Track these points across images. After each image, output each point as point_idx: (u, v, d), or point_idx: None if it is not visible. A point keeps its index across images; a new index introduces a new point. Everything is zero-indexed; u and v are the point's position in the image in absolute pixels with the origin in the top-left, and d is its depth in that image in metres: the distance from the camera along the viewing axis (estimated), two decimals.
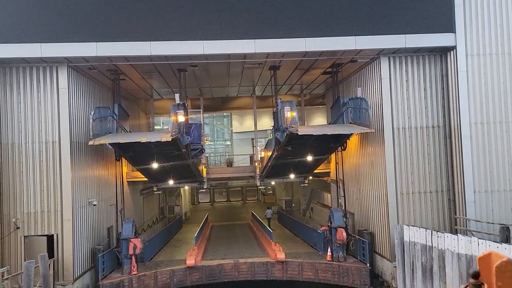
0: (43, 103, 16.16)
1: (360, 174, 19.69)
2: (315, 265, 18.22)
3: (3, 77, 15.98)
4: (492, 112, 15.86)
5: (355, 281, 17.33)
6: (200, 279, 18.46)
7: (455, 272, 13.35)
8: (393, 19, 15.94)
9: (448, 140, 16.55)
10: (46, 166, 16.10)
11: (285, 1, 15.60)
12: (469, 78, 15.85)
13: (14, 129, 16.01)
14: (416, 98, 16.73)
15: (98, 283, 16.88)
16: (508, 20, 15.84)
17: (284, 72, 20.18)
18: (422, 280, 14.83)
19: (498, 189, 15.77)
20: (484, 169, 15.79)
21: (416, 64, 16.76)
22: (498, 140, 15.84)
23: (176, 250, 23.06)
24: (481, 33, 15.84)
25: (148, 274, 17.82)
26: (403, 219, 16.48)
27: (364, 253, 17.76)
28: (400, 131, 16.72)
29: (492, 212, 15.68)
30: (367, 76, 18.23)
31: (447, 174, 16.57)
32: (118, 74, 18.86)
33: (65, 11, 15.30)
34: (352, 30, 15.80)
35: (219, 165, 35.05)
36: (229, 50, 15.82)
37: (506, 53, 15.84)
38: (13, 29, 15.15)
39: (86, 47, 15.38)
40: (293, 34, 15.70)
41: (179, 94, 16.94)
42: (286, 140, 17.01)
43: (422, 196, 16.69)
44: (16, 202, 15.92)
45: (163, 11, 15.37)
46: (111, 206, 21.13)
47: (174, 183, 22.72)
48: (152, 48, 15.49)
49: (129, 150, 17.69)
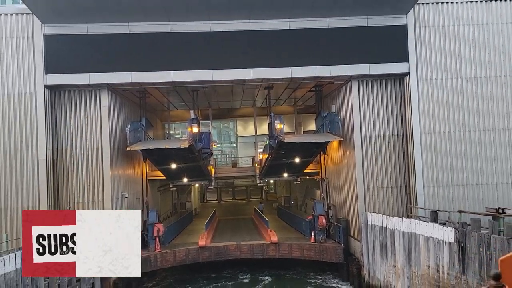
0: (89, 117, 20.91)
1: (339, 173, 24.17)
2: (301, 246, 22.77)
3: (59, 98, 20.79)
4: (438, 124, 20.29)
5: (332, 257, 21.88)
6: (209, 257, 23.07)
7: (401, 246, 17.83)
8: (360, 52, 20.41)
9: (404, 146, 21.00)
10: (91, 166, 20.83)
11: (275, 42, 20.10)
12: (419, 97, 20.31)
13: (67, 138, 20.78)
14: (380, 112, 21.19)
15: None
16: (448, 53, 20.27)
17: (278, 90, 24.79)
18: (380, 254, 19.34)
19: (442, 184, 20.20)
20: (431, 169, 20.22)
21: (380, 86, 21.23)
22: (442, 146, 20.27)
23: (189, 237, 27.62)
24: (429, 62, 20.30)
25: (169, 252, 22.48)
26: (370, 208, 20.92)
27: (340, 236, 22.24)
28: (367, 139, 21.18)
29: (437, 202, 20.09)
30: (342, 94, 22.76)
31: (404, 172, 21.01)
32: (144, 94, 23.63)
33: (107, 50, 20.02)
34: (328, 61, 20.31)
35: (225, 165, 39.66)
36: (232, 77, 20.47)
37: (448, 78, 20.28)
38: (68, 64, 19.92)
39: (123, 76, 20.10)
40: (281, 64, 20.27)
41: (193, 110, 21.62)
42: (277, 146, 21.62)
43: (384, 190, 21.14)
44: (69, 194, 20.68)
45: (182, 49, 20.00)
46: (136, 199, 25.86)
47: (187, 181, 27.41)
48: (173, 76, 20.18)
49: (154, 154, 22.44)
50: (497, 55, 20.24)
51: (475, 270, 13.70)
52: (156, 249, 22.29)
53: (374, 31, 20.14)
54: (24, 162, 19.75)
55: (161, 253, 22.23)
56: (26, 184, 19.70)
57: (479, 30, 20.26)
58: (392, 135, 21.14)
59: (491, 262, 13.11)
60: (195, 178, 27.75)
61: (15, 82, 19.86)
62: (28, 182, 19.70)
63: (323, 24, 20.11)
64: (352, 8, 19.53)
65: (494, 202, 19.52)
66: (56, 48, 19.92)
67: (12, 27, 19.88)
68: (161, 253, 22.25)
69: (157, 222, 22.69)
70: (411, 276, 17.06)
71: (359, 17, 20.05)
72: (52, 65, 19.87)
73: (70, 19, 19.49)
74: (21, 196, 19.65)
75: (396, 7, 19.70)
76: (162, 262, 22.17)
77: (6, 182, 19.59)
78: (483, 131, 20.18)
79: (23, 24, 19.94)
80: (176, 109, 31.70)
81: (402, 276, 17.64)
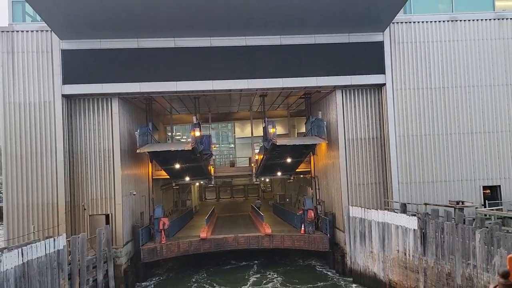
0: (101, 123, 23.41)
1: (327, 171, 26.81)
2: (292, 237, 25.42)
3: (74, 106, 23.30)
4: (410, 128, 22.99)
5: (319, 246, 24.55)
6: (210, 248, 25.65)
7: (377, 234, 20.51)
8: (343, 65, 23.04)
9: (382, 148, 23.68)
10: (103, 167, 23.34)
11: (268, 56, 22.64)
12: (394, 105, 23.00)
13: (82, 141, 23.27)
14: (361, 118, 23.85)
15: (139, 247, 24.12)
16: (420, 66, 22.98)
17: (272, 97, 27.39)
18: (360, 243, 22.01)
19: (414, 181, 22.90)
20: (405, 168, 22.91)
21: (361, 95, 23.89)
22: (414, 148, 22.97)
23: (191, 231, 30.12)
24: (402, 74, 23.00)
25: (173, 243, 25.06)
26: (352, 203, 23.55)
27: (327, 228, 24.88)
28: (350, 141, 23.83)
29: (410, 197, 22.78)
30: (328, 102, 25.42)
31: (382, 170, 23.68)
32: (151, 100, 26.20)
33: (118, 63, 22.55)
34: (315, 72, 22.92)
35: (224, 165, 42.20)
36: (230, 87, 23.07)
37: (419, 88, 22.99)
38: (83, 75, 22.42)
39: (132, 86, 22.65)
40: (274, 76, 22.88)
41: (195, 116, 24.21)
42: (271, 148, 24.24)
43: (365, 186, 23.81)
44: (84, 192, 23.18)
45: (185, 62, 22.54)
46: (142, 196, 28.43)
47: (189, 180, 29.96)
48: (177, 86, 22.74)
49: (160, 155, 25.01)
50: (461, 68, 22.99)
51: (433, 252, 16.41)
52: (162, 241, 24.85)
53: (355, 46, 22.80)
54: (44, 163, 22.23)
55: (166, 244, 24.79)
56: (46, 183, 22.17)
57: (446, 46, 23.00)
58: (371, 137, 23.80)
59: (444, 244, 15.81)
60: (196, 177, 30.31)
61: (36, 92, 22.36)
62: (48, 181, 22.18)
63: (311, 40, 22.75)
64: (336, 27, 22.15)
65: (459, 196, 22.27)
66: (73, 61, 22.44)
67: (33, 43, 22.38)
68: (166, 244, 24.80)
69: (162, 216, 25.25)
70: (384, 259, 19.75)
71: (342, 34, 22.70)
72: (69, 77, 22.39)
73: (85, 36, 22.02)
74: (42, 193, 22.13)
75: (374, 26, 22.36)
76: (167, 252, 24.75)
77: (29, 181, 22.08)
78: (450, 134, 22.91)
79: (43, 40, 22.44)
80: (178, 113, 34.26)
81: (378, 260, 20.31)
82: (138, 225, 25.31)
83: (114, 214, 23.31)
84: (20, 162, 21.90)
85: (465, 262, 14.89)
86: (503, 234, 13.44)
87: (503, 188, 22.96)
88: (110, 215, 23.29)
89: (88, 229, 23.05)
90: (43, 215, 21.84)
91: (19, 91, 22.03)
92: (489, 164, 23.03)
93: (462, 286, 15.07)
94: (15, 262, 14.33)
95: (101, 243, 20.96)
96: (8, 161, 21.87)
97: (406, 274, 18.21)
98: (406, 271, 18.20)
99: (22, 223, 21.61)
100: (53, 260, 16.75)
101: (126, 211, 24.23)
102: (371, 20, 21.93)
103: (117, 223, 23.27)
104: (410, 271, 17.90)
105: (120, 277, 22.41)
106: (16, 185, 21.82)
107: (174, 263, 27.47)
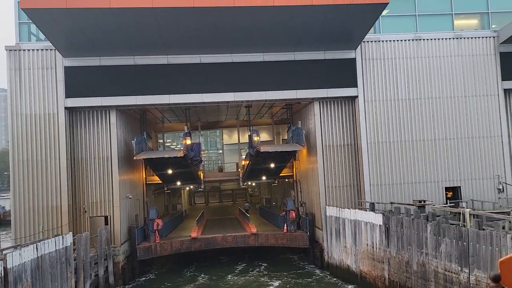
0: (100, 132, 25.55)
1: (308, 175, 29.33)
2: (276, 235, 27.83)
3: (76, 117, 25.43)
4: (380, 136, 25.69)
5: (300, 243, 27.01)
6: (200, 246, 27.87)
7: (349, 231, 23.03)
8: (320, 79, 25.64)
9: (355, 153, 26.31)
10: (102, 172, 25.45)
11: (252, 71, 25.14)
12: (366, 114, 25.68)
13: (82, 149, 25.38)
14: (336, 126, 26.47)
15: (135, 246, 26.24)
16: (388, 79, 25.75)
17: (257, 108, 29.89)
18: (335, 239, 24.51)
19: (384, 183, 25.56)
20: (376, 171, 25.55)
21: (337, 105, 26.53)
22: (384, 153, 25.66)
23: (182, 232, 32.25)
24: (372, 87, 25.73)
25: (166, 242, 27.22)
26: (329, 203, 26.04)
27: (307, 226, 27.35)
28: (327, 147, 26.40)
29: (381, 197, 25.40)
30: (307, 112, 28.04)
31: (355, 174, 26.29)
32: (145, 112, 28.45)
33: (116, 78, 24.79)
34: (294, 86, 25.49)
35: (213, 170, 44.50)
36: (218, 99, 25.50)
37: (388, 99, 25.74)
38: (84, 89, 24.58)
39: (129, 99, 24.88)
40: (258, 89, 25.36)
41: (186, 125, 26.56)
42: (255, 154, 26.68)
43: (341, 188, 26.38)
44: (85, 195, 25.26)
45: (177, 77, 24.89)
46: (137, 200, 30.57)
47: (180, 184, 32.21)
48: (170, 99, 25.07)
49: (154, 161, 27.26)
50: (425, 81, 25.86)
51: (395, 243, 19.00)
52: (155, 240, 27.00)
53: (330, 63, 25.48)
54: (49, 170, 24.28)
55: (160, 243, 26.95)
56: (50, 188, 24.20)
57: (412, 62, 25.87)
58: (346, 144, 26.42)
59: (403, 237, 18.41)
60: (187, 181, 32.58)
61: (41, 104, 24.46)
62: (53, 186, 24.21)
63: (290, 57, 25.36)
64: (313, 45, 24.78)
65: (425, 196, 24.99)
66: (74, 77, 24.62)
67: (38, 60, 24.51)
68: (160, 243, 26.97)
69: (156, 218, 27.44)
70: (356, 253, 22.28)
71: (318, 51, 25.36)
72: (71, 91, 24.55)
73: (86, 54, 24.24)
74: (47, 197, 24.15)
75: (347, 45, 25.06)
76: (161, 250, 26.91)
77: (35, 186, 24.10)
78: (416, 141, 25.69)
79: (48, 57, 24.59)
80: (169, 122, 36.53)
81: (351, 254, 22.83)
82: (134, 226, 27.41)
83: (112, 216, 25.39)
84: (27, 168, 23.94)
85: (419, 251, 17.48)
86: (447, 226, 16.08)
87: (463, 188, 25.78)
88: (108, 217, 25.35)
89: (88, 229, 25.07)
90: (48, 217, 23.87)
91: (26, 103, 24.13)
92: (450, 167, 25.83)
93: (417, 271, 17.65)
94: (31, 255, 16.45)
95: (102, 242, 23.08)
96: (15, 167, 23.90)
97: (374, 264, 20.75)
98: (374, 262, 20.73)
99: (28, 225, 23.63)
100: (62, 255, 18.86)
101: (123, 213, 26.33)
102: (344, 40, 24.61)
103: (115, 224, 25.36)
104: (377, 261, 20.44)
105: (118, 273, 24.51)
106: (23, 189, 23.85)
107: (168, 261, 29.62)
